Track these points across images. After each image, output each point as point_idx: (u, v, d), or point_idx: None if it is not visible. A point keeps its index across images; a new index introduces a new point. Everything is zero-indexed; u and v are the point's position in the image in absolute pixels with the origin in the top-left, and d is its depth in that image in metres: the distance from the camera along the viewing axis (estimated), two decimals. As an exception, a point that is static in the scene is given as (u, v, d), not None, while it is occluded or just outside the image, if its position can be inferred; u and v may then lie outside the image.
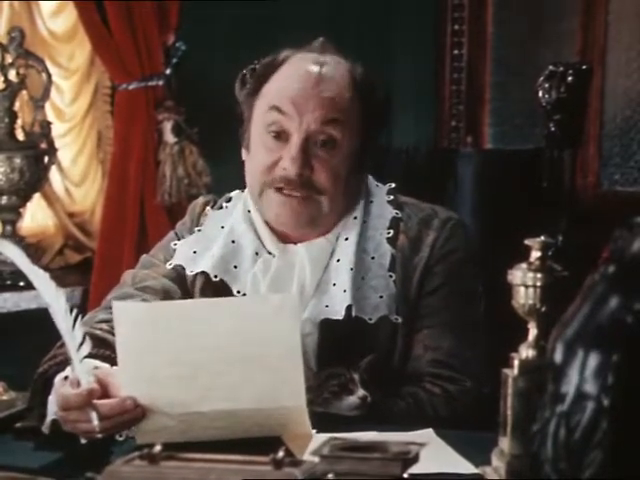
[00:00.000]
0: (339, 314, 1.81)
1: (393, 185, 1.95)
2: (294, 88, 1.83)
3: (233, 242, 1.89)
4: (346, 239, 1.87)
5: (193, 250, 1.90)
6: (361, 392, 1.72)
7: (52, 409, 1.60)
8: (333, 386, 1.73)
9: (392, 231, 1.88)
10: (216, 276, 1.86)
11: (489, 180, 2.39)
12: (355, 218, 1.89)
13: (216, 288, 1.87)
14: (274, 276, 1.86)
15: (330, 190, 1.83)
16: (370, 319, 1.82)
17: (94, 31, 3.52)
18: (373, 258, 1.87)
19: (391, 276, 1.85)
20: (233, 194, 1.98)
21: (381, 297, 1.84)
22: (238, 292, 1.86)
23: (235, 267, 1.87)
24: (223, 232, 1.91)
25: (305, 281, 1.85)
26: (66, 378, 1.59)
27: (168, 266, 1.90)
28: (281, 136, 1.83)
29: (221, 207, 1.96)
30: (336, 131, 1.83)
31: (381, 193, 1.94)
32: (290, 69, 1.87)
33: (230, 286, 1.87)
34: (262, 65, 1.90)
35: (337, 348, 1.81)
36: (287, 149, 1.82)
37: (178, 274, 1.91)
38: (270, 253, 1.88)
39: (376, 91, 1.90)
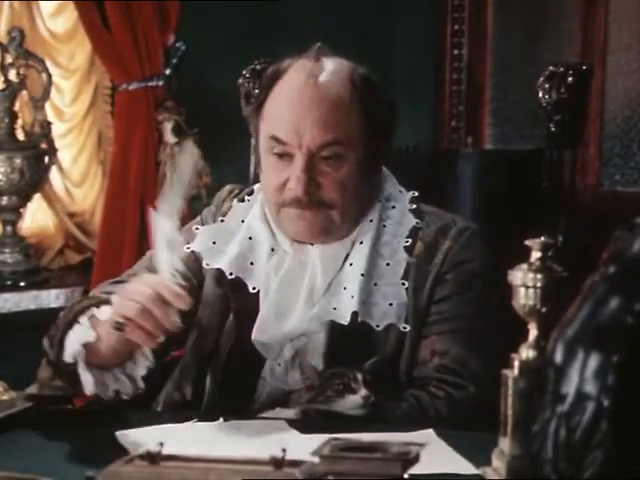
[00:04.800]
0: (344, 319, 1.81)
1: (416, 193, 1.94)
2: (290, 115, 1.81)
3: (250, 238, 1.90)
4: (361, 242, 1.87)
5: (213, 240, 1.91)
6: (364, 392, 1.72)
7: (76, 341, 1.70)
8: (337, 385, 1.73)
9: (410, 240, 1.87)
10: (231, 273, 1.88)
11: (489, 180, 2.38)
12: (371, 221, 1.88)
13: (231, 281, 1.88)
14: (286, 274, 1.86)
15: (339, 204, 1.82)
16: (377, 326, 1.82)
17: (94, 31, 3.52)
18: (388, 264, 1.86)
19: (404, 284, 1.85)
20: (255, 187, 1.98)
21: (391, 305, 1.83)
22: (254, 288, 1.87)
23: (251, 264, 1.88)
24: (242, 227, 1.92)
25: (316, 281, 1.85)
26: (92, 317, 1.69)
27: (186, 250, 1.90)
28: (285, 156, 1.82)
29: (243, 200, 1.96)
30: (339, 149, 1.81)
31: (404, 200, 1.92)
32: (288, 83, 1.84)
33: (246, 282, 1.88)
34: (264, 78, 1.90)
35: (344, 349, 1.82)
36: (292, 168, 1.81)
37: (196, 259, 1.91)
38: (285, 251, 1.88)
39: (378, 93, 1.87)
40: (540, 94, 2.25)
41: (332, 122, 1.80)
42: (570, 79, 2.23)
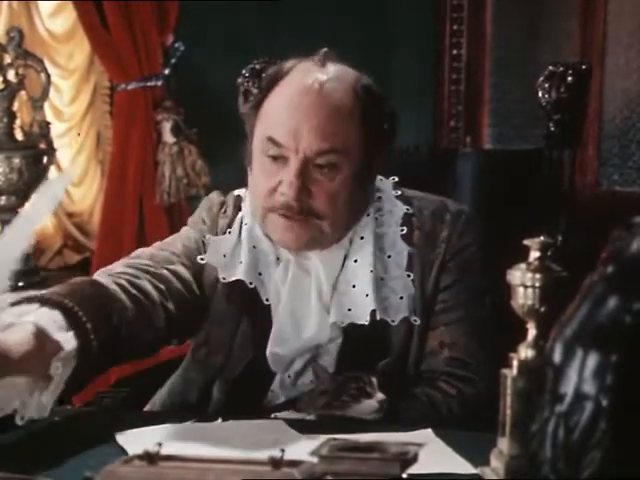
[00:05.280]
0: (363, 319, 1.80)
1: (396, 179, 1.93)
2: (289, 118, 1.77)
3: (254, 247, 1.87)
4: (361, 238, 1.85)
5: (223, 253, 1.87)
6: (380, 395, 1.69)
7: None
8: (352, 389, 1.70)
9: (405, 228, 1.87)
10: (251, 283, 1.84)
11: (488, 180, 2.38)
12: (368, 215, 1.86)
13: (242, 291, 1.85)
14: (292, 283, 1.84)
15: (329, 215, 1.78)
16: (393, 321, 1.81)
17: (93, 31, 3.52)
18: (390, 257, 1.85)
19: (409, 276, 1.84)
20: (241, 193, 1.95)
21: (401, 298, 1.82)
22: (267, 300, 1.85)
23: (260, 274, 1.86)
24: (243, 237, 1.88)
25: (322, 286, 1.83)
26: None
27: (200, 261, 1.87)
28: (279, 159, 1.78)
29: (239, 208, 1.93)
30: (335, 158, 1.77)
31: (387, 188, 1.91)
32: (287, 89, 1.80)
33: (259, 292, 1.85)
34: (265, 77, 1.86)
35: (359, 351, 1.80)
36: (285, 172, 1.77)
37: (200, 267, 1.87)
38: (287, 259, 1.85)
39: (380, 104, 1.84)
40: (539, 94, 2.25)
41: (331, 130, 1.77)
42: (569, 79, 2.23)
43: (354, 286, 1.82)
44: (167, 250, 1.90)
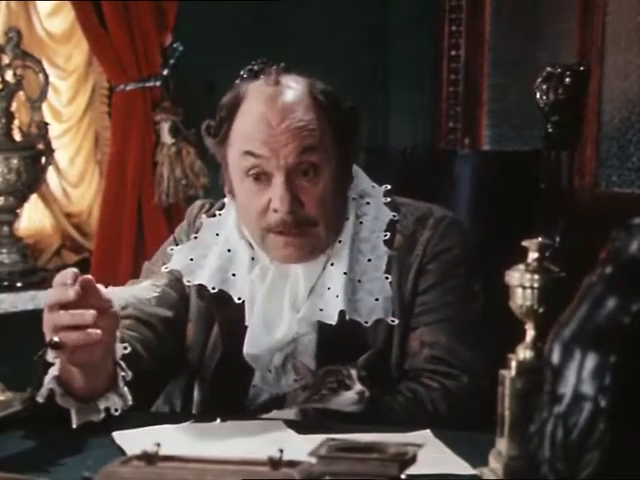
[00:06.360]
0: (332, 319, 1.82)
1: (389, 187, 1.95)
2: (261, 129, 1.80)
3: (229, 251, 1.91)
4: (339, 242, 1.87)
5: (190, 257, 1.91)
6: (358, 387, 1.73)
7: (49, 379, 1.63)
8: (331, 382, 1.74)
9: (389, 233, 1.89)
10: (214, 287, 1.88)
11: (487, 181, 2.39)
12: (347, 219, 1.89)
13: (215, 294, 1.89)
14: (270, 284, 1.87)
15: (322, 218, 1.83)
16: (366, 322, 1.83)
17: (91, 32, 3.52)
18: (370, 260, 1.87)
19: (387, 278, 1.86)
20: (226, 200, 1.98)
21: (377, 300, 1.84)
22: (239, 299, 1.87)
23: (233, 275, 1.89)
24: (219, 240, 1.92)
25: (298, 289, 1.86)
26: None
27: (164, 269, 1.91)
28: (262, 177, 1.81)
29: (214, 215, 1.96)
30: (314, 157, 1.81)
31: (378, 195, 1.94)
32: (250, 108, 1.83)
33: (230, 294, 1.88)
34: (223, 108, 1.87)
35: (335, 348, 1.83)
36: (273, 189, 1.80)
37: (176, 278, 1.92)
38: (266, 263, 1.88)
39: (340, 103, 1.87)
40: (537, 95, 2.25)
41: (304, 132, 1.80)
42: (567, 80, 2.23)
43: (329, 288, 1.85)
44: (150, 275, 1.94)
